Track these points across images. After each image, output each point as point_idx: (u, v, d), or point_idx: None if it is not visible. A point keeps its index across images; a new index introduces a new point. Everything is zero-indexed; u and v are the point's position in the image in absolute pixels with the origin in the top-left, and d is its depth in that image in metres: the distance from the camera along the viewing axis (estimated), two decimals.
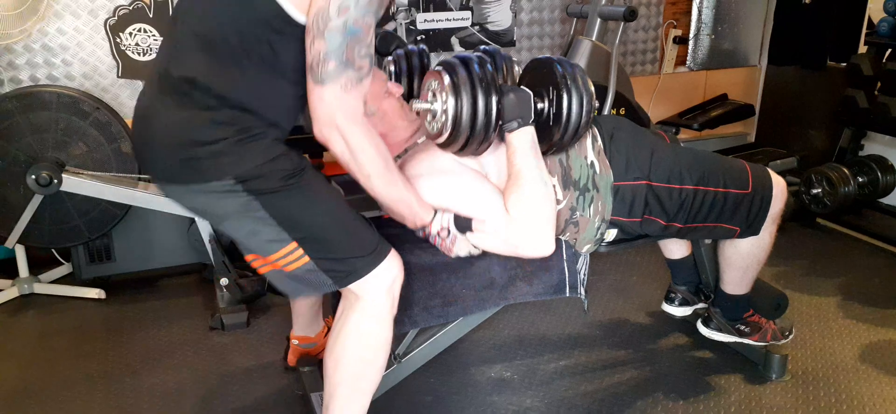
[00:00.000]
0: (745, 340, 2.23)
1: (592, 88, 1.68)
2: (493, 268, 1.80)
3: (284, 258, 1.52)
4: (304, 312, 2.18)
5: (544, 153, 1.74)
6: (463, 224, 1.68)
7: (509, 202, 1.67)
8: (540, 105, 1.70)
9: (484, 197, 1.70)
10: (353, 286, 1.56)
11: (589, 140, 1.84)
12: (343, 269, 1.54)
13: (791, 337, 2.25)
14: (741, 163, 1.97)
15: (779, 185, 1.96)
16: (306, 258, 1.51)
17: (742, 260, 2.07)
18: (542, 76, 1.72)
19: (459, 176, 1.72)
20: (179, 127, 1.43)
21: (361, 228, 1.57)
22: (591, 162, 1.82)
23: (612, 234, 1.88)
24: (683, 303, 2.36)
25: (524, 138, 1.68)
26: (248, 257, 1.61)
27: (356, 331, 1.58)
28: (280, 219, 1.47)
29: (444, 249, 1.72)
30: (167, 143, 1.45)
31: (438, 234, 1.68)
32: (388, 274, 1.57)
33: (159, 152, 1.48)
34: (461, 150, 1.67)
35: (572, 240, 1.85)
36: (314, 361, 2.15)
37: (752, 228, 1.95)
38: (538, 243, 1.70)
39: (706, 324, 2.29)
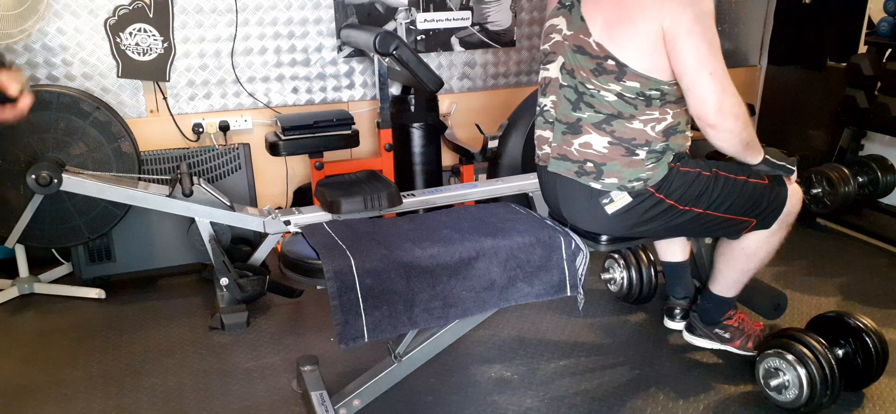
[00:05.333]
0: (727, 347, 2.24)
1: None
2: (493, 269, 1.80)
3: None
4: None
5: None
6: None
7: None
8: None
9: None
10: None
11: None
12: None
13: None
14: None
15: (795, 192, 2.01)
16: None
17: (746, 260, 2.08)
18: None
19: None
20: None
21: None
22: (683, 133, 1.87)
23: (622, 198, 1.84)
24: (686, 316, 2.36)
25: None
26: None
27: None
28: None
29: None
30: None
31: None
32: None
33: None
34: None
35: (617, 162, 1.81)
36: (314, 361, 2.15)
37: (765, 221, 1.98)
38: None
39: (691, 331, 2.29)
